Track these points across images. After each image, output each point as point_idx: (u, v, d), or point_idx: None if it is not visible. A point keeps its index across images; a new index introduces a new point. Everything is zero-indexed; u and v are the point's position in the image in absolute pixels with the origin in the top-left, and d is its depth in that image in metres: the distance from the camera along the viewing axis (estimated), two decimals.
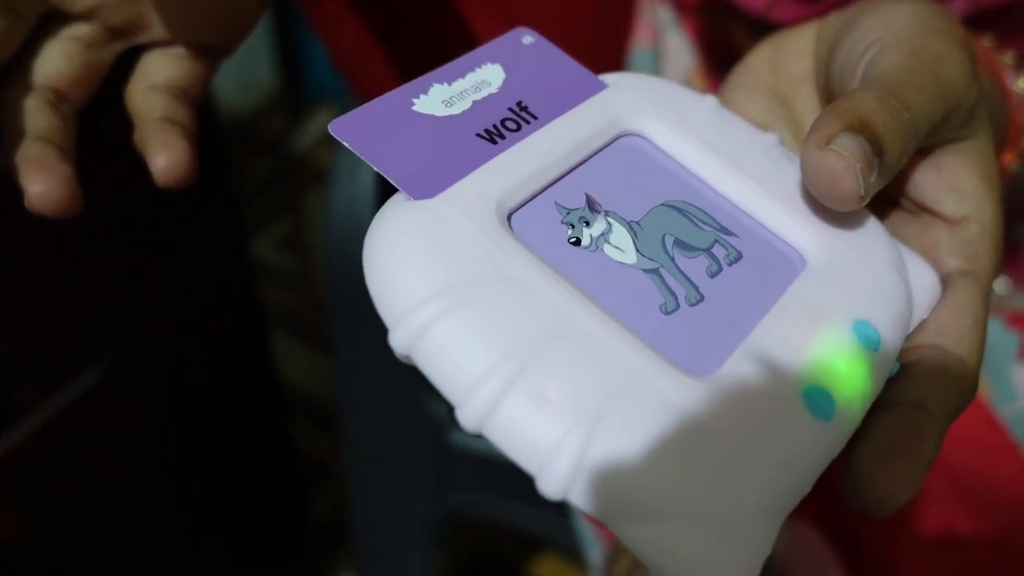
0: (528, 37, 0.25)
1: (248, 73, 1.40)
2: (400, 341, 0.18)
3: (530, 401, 0.17)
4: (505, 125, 0.22)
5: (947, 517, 0.39)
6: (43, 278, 0.50)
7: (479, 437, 0.18)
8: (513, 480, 0.58)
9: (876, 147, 0.21)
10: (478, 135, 0.21)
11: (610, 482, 0.16)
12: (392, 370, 0.58)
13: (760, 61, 0.28)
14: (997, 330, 0.44)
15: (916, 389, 0.21)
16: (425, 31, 0.49)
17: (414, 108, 0.21)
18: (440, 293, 0.18)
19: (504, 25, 0.27)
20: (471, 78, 0.23)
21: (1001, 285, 0.45)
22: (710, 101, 0.25)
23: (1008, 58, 0.32)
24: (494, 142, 0.21)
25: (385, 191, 0.55)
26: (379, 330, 0.62)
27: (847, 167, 0.20)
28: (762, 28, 0.47)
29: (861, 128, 0.21)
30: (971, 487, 0.39)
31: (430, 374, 0.18)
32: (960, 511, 0.39)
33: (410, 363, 0.18)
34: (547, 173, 0.21)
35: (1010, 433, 0.41)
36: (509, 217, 0.20)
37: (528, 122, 0.22)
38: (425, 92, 0.22)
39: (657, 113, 0.24)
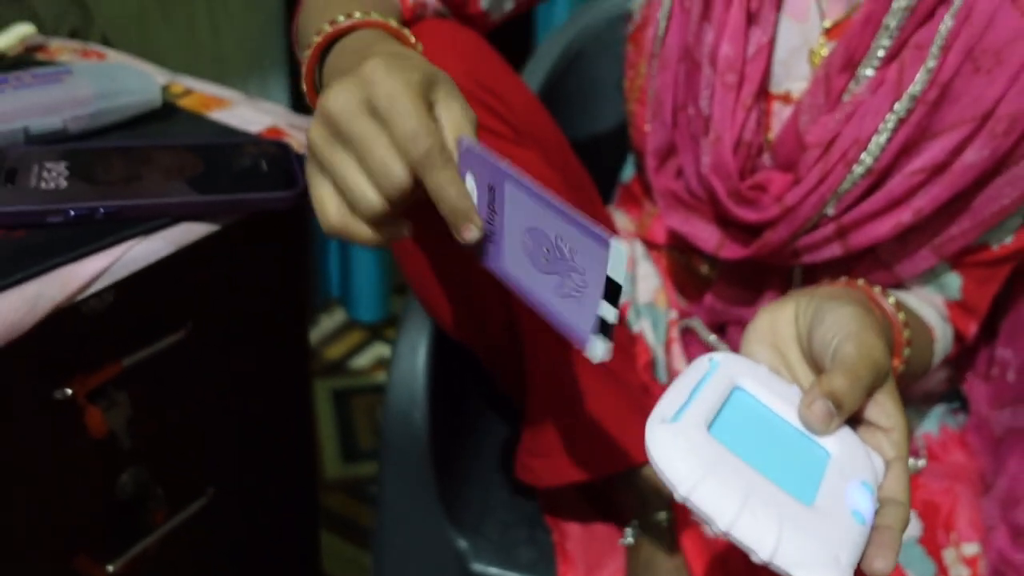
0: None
1: None
2: (680, 494, 0.37)
3: (752, 519, 0.36)
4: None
5: None
6: (173, 423, 0.65)
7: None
8: None
9: (837, 403, 0.40)
10: None
11: (757, 531, 0.36)
12: (426, 510, 0.72)
13: (764, 324, 0.47)
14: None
15: (887, 518, 0.39)
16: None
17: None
18: (696, 469, 0.37)
19: None
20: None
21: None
22: (763, 369, 0.45)
23: (877, 290, 0.51)
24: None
25: (437, 364, 0.72)
26: (419, 480, 0.78)
27: (817, 417, 0.40)
28: (714, 259, 0.68)
29: (829, 395, 0.40)
30: None
31: (695, 509, 0.37)
32: None
33: (687, 504, 0.37)
34: (713, 411, 0.41)
35: None
36: (708, 429, 0.40)
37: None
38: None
39: (750, 378, 0.44)
